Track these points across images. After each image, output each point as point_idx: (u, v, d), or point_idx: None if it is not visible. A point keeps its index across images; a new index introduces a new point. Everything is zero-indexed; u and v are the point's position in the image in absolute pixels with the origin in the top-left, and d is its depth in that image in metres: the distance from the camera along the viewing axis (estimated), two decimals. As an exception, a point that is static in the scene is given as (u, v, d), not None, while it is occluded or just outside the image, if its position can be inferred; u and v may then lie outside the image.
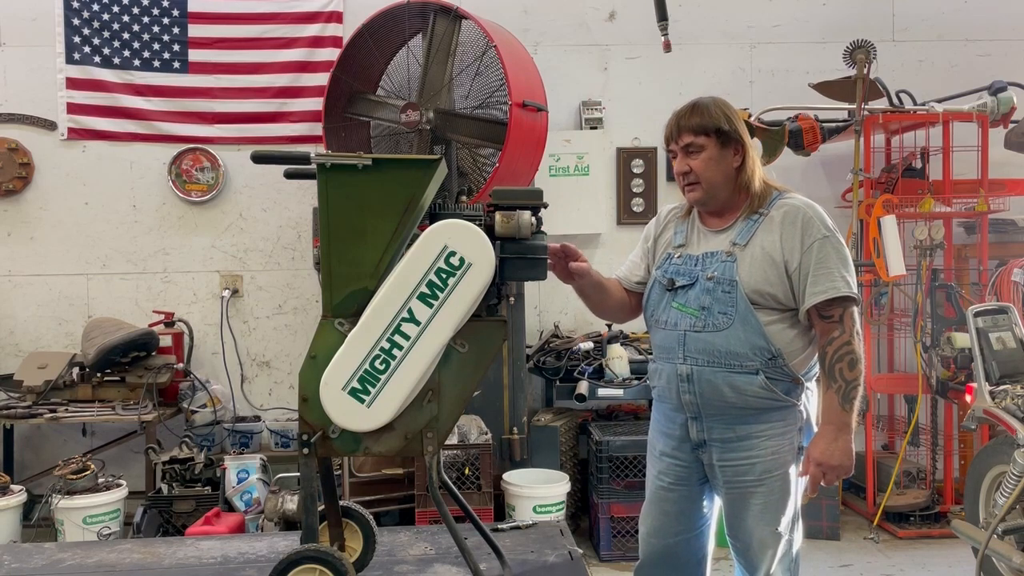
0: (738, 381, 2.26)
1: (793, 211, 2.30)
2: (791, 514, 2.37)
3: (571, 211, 5.08)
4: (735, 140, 2.34)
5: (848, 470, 2.25)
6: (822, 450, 2.24)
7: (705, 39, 5.35)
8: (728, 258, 2.30)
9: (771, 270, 2.26)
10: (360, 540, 2.41)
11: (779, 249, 2.27)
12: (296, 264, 5.26)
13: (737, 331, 2.25)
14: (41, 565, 2.62)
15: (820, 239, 2.26)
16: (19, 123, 5.10)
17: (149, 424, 4.41)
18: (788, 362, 2.27)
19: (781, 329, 2.27)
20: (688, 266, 2.37)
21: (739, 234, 2.32)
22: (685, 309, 2.32)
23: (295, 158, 2.24)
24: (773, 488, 2.31)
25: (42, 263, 5.14)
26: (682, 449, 2.42)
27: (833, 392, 2.24)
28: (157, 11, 5.10)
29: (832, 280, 2.23)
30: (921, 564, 4.22)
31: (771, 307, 2.26)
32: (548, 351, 4.80)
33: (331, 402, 2.06)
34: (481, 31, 4.29)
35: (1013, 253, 4.85)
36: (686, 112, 2.35)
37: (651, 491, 2.52)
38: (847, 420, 2.23)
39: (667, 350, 2.37)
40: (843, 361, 2.22)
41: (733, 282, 2.27)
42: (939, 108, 4.77)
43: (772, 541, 2.34)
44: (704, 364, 2.29)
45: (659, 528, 2.49)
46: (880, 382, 4.89)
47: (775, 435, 2.30)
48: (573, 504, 4.57)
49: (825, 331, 2.25)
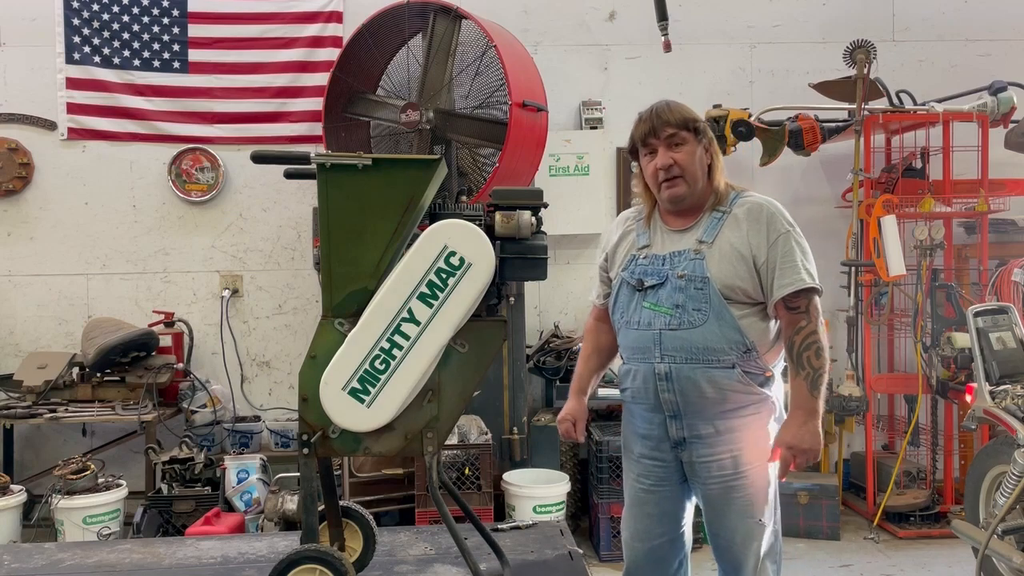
0: (717, 376, 2.30)
1: (756, 208, 2.37)
2: (772, 505, 2.40)
3: (571, 211, 5.07)
4: (707, 138, 2.41)
5: (817, 454, 2.30)
6: (793, 434, 2.29)
7: (705, 39, 5.35)
8: (696, 256, 2.34)
9: (741, 265, 2.31)
10: (360, 540, 2.41)
11: (747, 244, 2.32)
12: (296, 264, 5.26)
13: (712, 326, 2.30)
14: (41, 565, 2.62)
15: (783, 233, 2.33)
16: (19, 123, 5.10)
17: (149, 424, 4.41)
18: (760, 355, 2.33)
19: (753, 323, 2.33)
20: (656, 266, 2.39)
21: (705, 232, 2.37)
22: (658, 308, 2.35)
23: (295, 158, 2.24)
24: (754, 480, 2.35)
25: (42, 263, 5.14)
26: (661, 449, 2.44)
27: (801, 379, 2.30)
28: (157, 11, 5.10)
29: (797, 273, 2.29)
30: (921, 564, 4.22)
31: (742, 301, 2.32)
32: (548, 351, 4.80)
33: (331, 402, 2.06)
34: (481, 31, 4.29)
35: (1013, 253, 4.85)
36: (663, 108, 2.39)
37: (631, 495, 2.54)
38: (815, 406, 2.29)
39: (642, 350, 2.39)
40: (810, 350, 2.29)
41: (705, 279, 2.31)
42: (939, 108, 4.77)
43: (757, 532, 2.36)
44: (682, 361, 2.32)
45: (643, 531, 2.51)
46: (880, 382, 4.89)
47: (753, 427, 2.35)
48: (573, 504, 4.57)
49: (792, 322, 2.31)
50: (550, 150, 4.83)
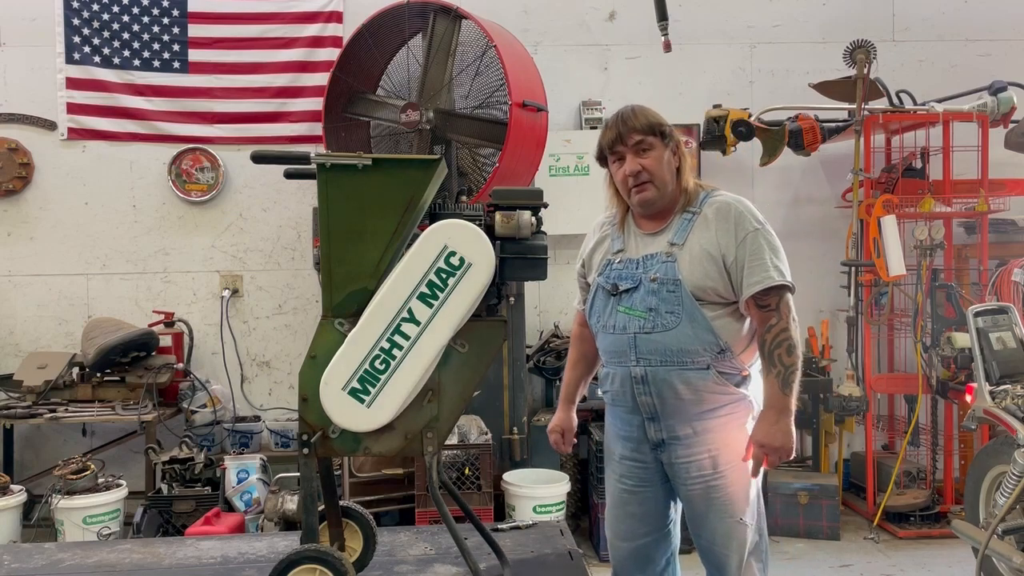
0: (691, 377, 2.31)
1: (724, 207, 2.37)
2: (754, 504, 2.39)
3: (571, 211, 5.06)
4: (674, 141, 2.42)
5: (789, 452, 2.29)
6: (764, 432, 2.29)
7: (705, 39, 5.35)
8: (668, 258, 2.35)
9: (710, 265, 2.32)
10: (360, 540, 2.41)
11: (716, 244, 2.33)
12: (296, 264, 5.26)
13: (685, 328, 2.30)
14: (41, 565, 2.62)
15: (752, 232, 2.32)
16: (19, 123, 5.10)
17: (149, 424, 4.41)
18: (736, 355, 2.33)
19: (727, 323, 2.33)
20: (629, 270, 2.41)
21: (675, 234, 2.38)
22: (632, 312, 2.36)
23: (295, 158, 2.24)
24: (733, 479, 2.35)
25: (42, 263, 5.14)
26: (641, 450, 2.45)
27: (773, 377, 2.29)
28: (157, 11, 5.10)
29: (766, 270, 2.29)
30: (921, 564, 4.22)
31: (714, 301, 2.32)
32: (548, 351, 4.80)
33: (331, 402, 2.06)
34: (481, 31, 4.29)
35: (1013, 253, 4.85)
36: (629, 114, 2.40)
37: (614, 495, 2.55)
38: (787, 403, 2.28)
39: (618, 354, 2.40)
40: (781, 347, 2.28)
41: (676, 281, 2.32)
42: (939, 108, 4.78)
43: (738, 532, 2.36)
44: (658, 364, 2.33)
45: (626, 531, 2.52)
46: (880, 382, 4.89)
47: (731, 428, 2.35)
48: (573, 504, 4.57)
49: (763, 319, 2.31)
50: (550, 150, 4.83)
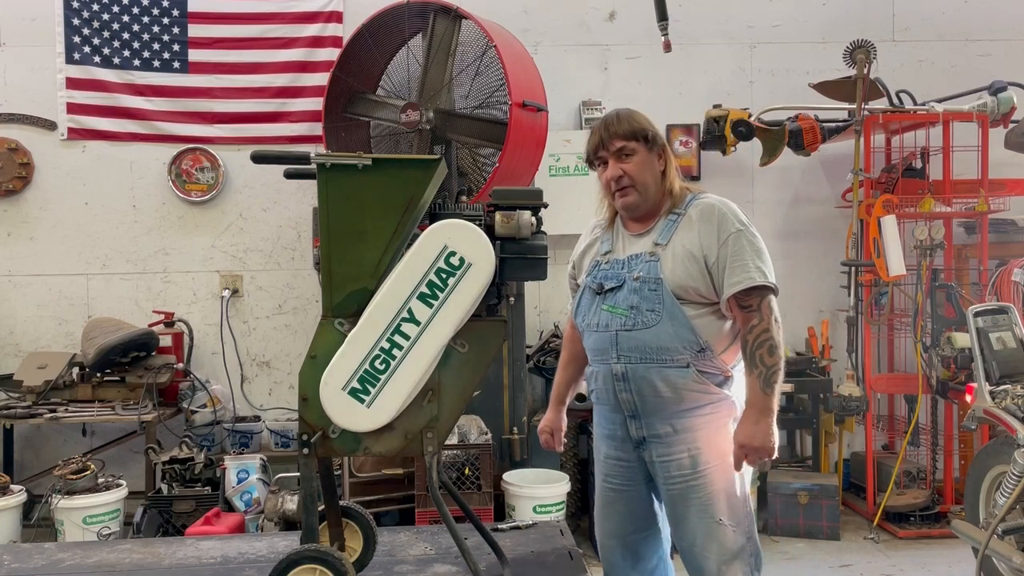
0: (671, 375, 2.32)
1: (708, 209, 2.39)
2: (740, 508, 2.38)
3: (571, 211, 5.05)
4: (659, 145, 2.45)
5: (770, 452, 2.28)
6: (745, 432, 2.29)
7: (705, 39, 5.35)
8: (652, 258, 2.37)
9: (692, 265, 2.33)
10: (360, 540, 2.42)
11: (698, 245, 2.34)
12: (296, 264, 5.26)
13: (666, 326, 2.31)
14: (41, 565, 2.62)
15: (734, 232, 2.33)
16: (19, 123, 5.10)
17: (149, 424, 4.41)
18: (717, 355, 2.34)
19: (708, 323, 2.34)
20: (615, 269, 2.43)
21: (660, 234, 2.40)
22: (615, 310, 2.38)
23: (295, 158, 2.24)
24: (713, 479, 2.34)
25: (42, 263, 5.14)
26: (624, 449, 2.46)
27: (755, 377, 2.29)
28: (157, 11, 5.10)
29: (747, 271, 2.30)
30: (921, 564, 4.22)
31: (696, 301, 2.33)
32: (548, 351, 4.80)
33: (331, 402, 2.06)
34: (481, 31, 4.29)
35: (1013, 253, 4.85)
36: (613, 120, 2.44)
37: (601, 494, 2.56)
38: (769, 404, 2.28)
39: (601, 352, 2.42)
40: (763, 347, 2.28)
41: (658, 280, 2.34)
42: (939, 108, 4.78)
43: (717, 533, 2.35)
44: (637, 362, 2.34)
45: (614, 529, 2.53)
46: (880, 382, 4.89)
47: (712, 428, 2.35)
48: (573, 504, 4.56)
49: (745, 320, 2.32)
50: (550, 150, 4.83)
